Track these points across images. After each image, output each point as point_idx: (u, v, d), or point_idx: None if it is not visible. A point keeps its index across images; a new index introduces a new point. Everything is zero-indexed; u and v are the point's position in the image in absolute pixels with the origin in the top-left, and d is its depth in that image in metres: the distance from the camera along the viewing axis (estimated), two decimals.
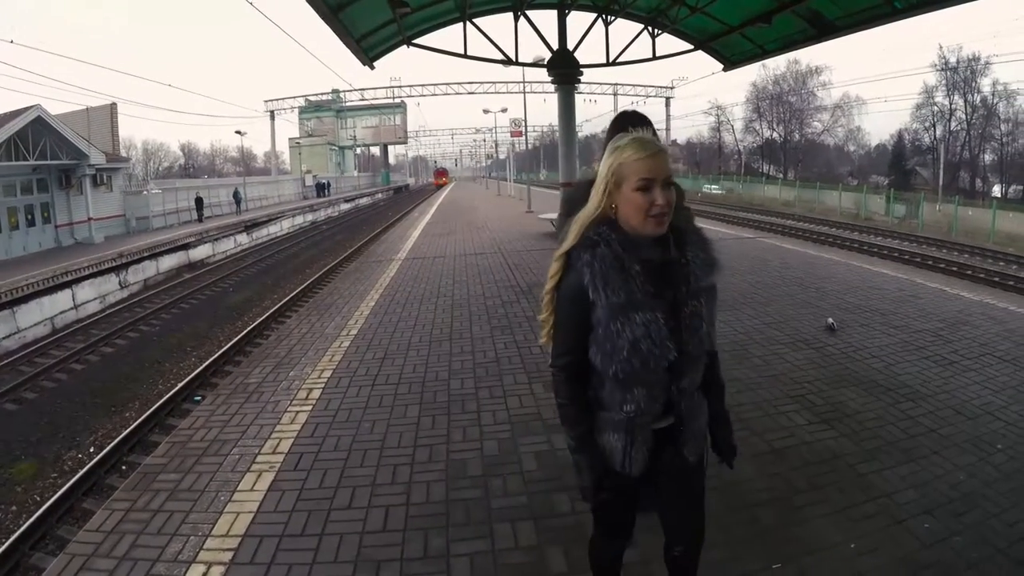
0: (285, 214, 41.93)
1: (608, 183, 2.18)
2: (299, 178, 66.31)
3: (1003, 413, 5.41)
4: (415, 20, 13.89)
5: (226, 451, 4.86)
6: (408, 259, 15.14)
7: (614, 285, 2.09)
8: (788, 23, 12.69)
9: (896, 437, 4.94)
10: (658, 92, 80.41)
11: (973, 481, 4.28)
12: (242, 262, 26.72)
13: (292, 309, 16.28)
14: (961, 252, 28.62)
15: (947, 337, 7.62)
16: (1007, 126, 60.42)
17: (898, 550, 3.53)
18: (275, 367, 6.86)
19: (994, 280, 20.67)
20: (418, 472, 4.43)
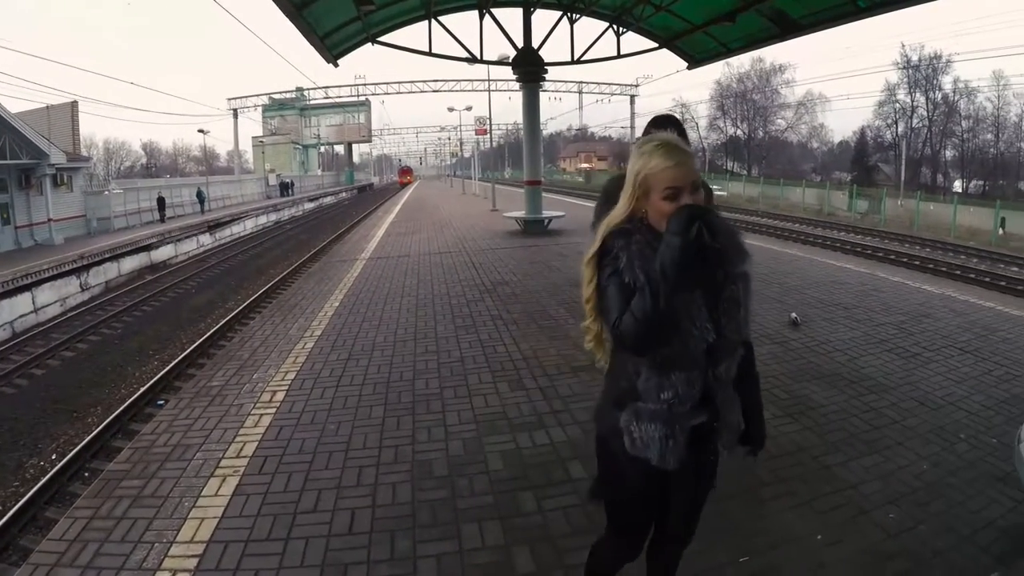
0: (248, 214, 41.47)
1: (636, 191, 2.17)
2: (262, 177, 65.51)
3: (965, 403, 5.51)
4: (380, 18, 13.80)
5: (190, 456, 4.76)
6: (372, 258, 15.05)
7: (652, 266, 1.99)
8: (752, 22, 12.79)
9: (860, 429, 5.00)
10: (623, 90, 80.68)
11: (937, 471, 4.35)
12: (205, 263, 26.39)
13: (256, 310, 16.10)
14: (923, 246, 29.13)
15: (909, 330, 7.74)
16: (968, 123, 61.76)
17: (864, 540, 3.57)
18: (238, 370, 6.75)
19: (956, 273, 21.06)
20: (384, 473, 4.38)
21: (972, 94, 60.89)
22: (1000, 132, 60.33)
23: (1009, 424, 5.02)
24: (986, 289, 15.93)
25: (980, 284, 18.24)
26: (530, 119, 17.03)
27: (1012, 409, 5.37)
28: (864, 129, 70.17)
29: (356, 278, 12.12)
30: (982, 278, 20.47)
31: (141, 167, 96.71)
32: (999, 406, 5.46)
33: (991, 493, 4.06)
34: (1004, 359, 6.69)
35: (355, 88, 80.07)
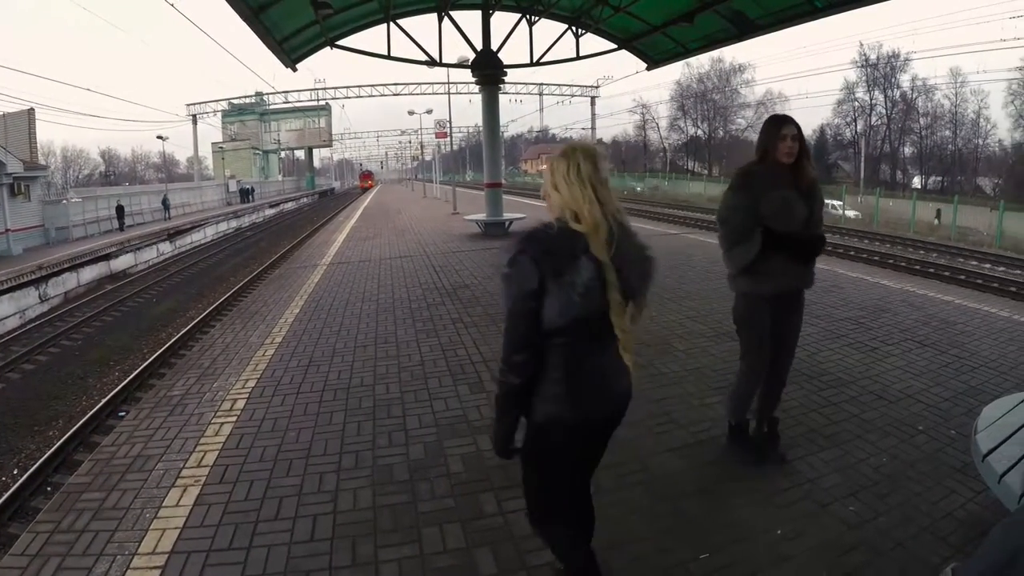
0: (209, 221, 40.96)
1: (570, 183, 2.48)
2: (223, 184, 64.79)
3: (924, 396, 5.60)
4: (338, 21, 13.71)
5: (150, 467, 4.66)
6: (333, 264, 14.91)
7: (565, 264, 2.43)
8: (710, 22, 12.88)
9: (819, 424, 5.06)
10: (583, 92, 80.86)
11: (896, 463, 4.41)
12: (165, 271, 26.04)
13: (217, 318, 15.92)
14: (883, 242, 29.53)
15: (868, 324, 7.84)
16: (926, 120, 63.13)
17: (824, 533, 3.60)
18: (199, 378, 6.64)
19: (915, 268, 21.38)
20: (345, 479, 4.34)
21: (930, 91, 62.37)
22: (958, 129, 61.71)
23: (967, 416, 5.10)
24: (945, 283, 16.13)
25: (939, 278, 18.46)
26: (490, 121, 17.00)
27: (970, 401, 5.46)
28: (823, 127, 71.38)
29: (317, 284, 11.99)
30: (942, 272, 20.77)
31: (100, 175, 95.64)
32: (957, 398, 5.55)
33: (950, 484, 4.12)
34: (962, 351, 6.81)
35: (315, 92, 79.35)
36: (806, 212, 4.03)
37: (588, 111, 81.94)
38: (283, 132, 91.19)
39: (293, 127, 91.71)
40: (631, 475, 4.27)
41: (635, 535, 3.58)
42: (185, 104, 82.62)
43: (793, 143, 3.95)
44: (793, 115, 4.08)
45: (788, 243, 4.02)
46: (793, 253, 4.09)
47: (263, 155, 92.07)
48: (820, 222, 4.23)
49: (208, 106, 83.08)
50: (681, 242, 16.15)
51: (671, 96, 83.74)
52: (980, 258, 25.66)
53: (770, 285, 4.15)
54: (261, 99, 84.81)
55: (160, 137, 52.78)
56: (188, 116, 79.99)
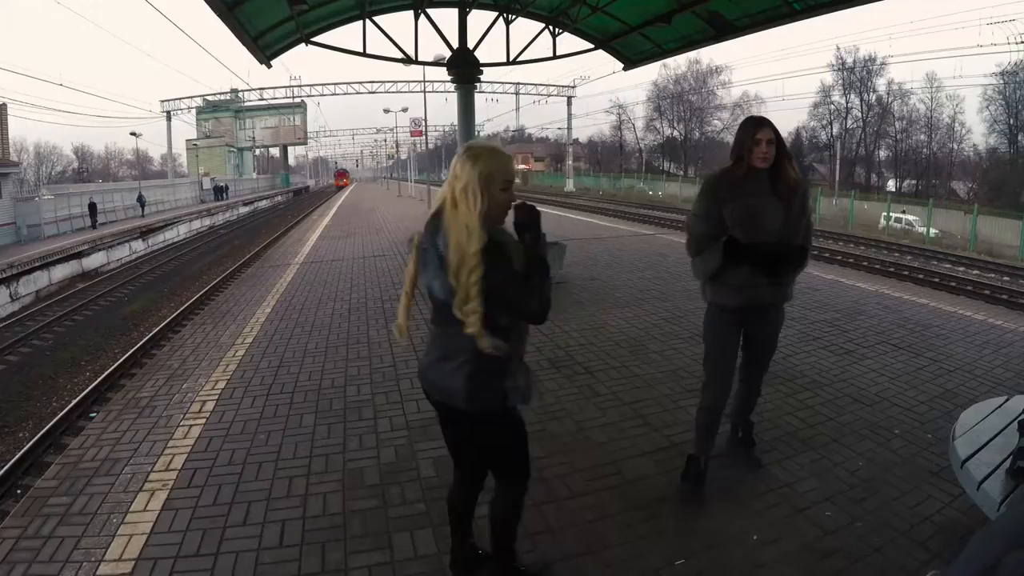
0: (182, 219, 40.57)
1: (483, 186, 2.57)
2: (196, 181, 64.11)
3: (900, 399, 5.60)
4: (313, 18, 13.53)
5: (118, 470, 4.55)
6: (306, 263, 14.79)
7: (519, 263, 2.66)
8: (688, 23, 12.83)
9: (795, 427, 5.04)
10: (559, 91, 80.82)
11: (872, 467, 4.40)
12: (138, 270, 25.74)
13: (188, 318, 15.72)
14: (857, 244, 29.75)
15: (843, 327, 7.86)
16: (901, 123, 63.73)
17: (800, 538, 3.57)
18: (168, 379, 6.50)
19: (889, 271, 21.55)
20: (314, 483, 4.24)
21: (906, 96, 63.07)
22: (933, 133, 62.46)
23: (944, 419, 5.12)
24: (919, 286, 16.32)
25: (913, 281, 18.67)
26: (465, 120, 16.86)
27: (946, 404, 5.47)
28: (799, 130, 71.88)
29: (289, 283, 11.87)
30: (915, 275, 20.98)
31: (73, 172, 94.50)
32: (933, 401, 5.56)
33: (927, 488, 4.11)
34: (938, 355, 6.83)
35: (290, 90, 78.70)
36: (780, 220, 3.75)
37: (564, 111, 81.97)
38: (258, 130, 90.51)
39: (268, 125, 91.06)
40: (604, 479, 4.23)
41: (609, 541, 3.53)
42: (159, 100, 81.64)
43: (769, 147, 3.72)
44: (769, 117, 3.95)
45: (751, 255, 3.77)
46: (758, 265, 3.81)
47: (237, 152, 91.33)
48: (800, 232, 3.89)
49: (183, 102, 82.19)
50: (656, 243, 16.20)
51: (648, 97, 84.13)
52: (954, 261, 25.92)
53: (735, 298, 3.94)
54: (236, 96, 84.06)
55: (134, 134, 52.37)
56: (162, 112, 79.05)
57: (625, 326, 7.95)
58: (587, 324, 8.08)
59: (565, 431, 4.97)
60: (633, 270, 11.93)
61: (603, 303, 9.29)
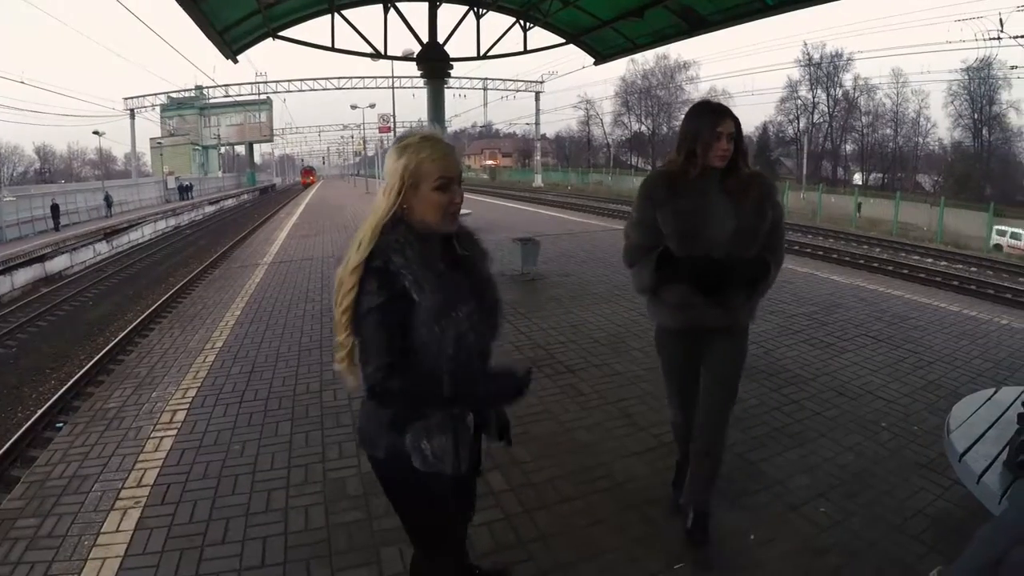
0: (147, 219, 39.92)
1: (404, 184, 2.13)
2: (161, 180, 63.17)
3: (883, 392, 5.60)
4: (281, 11, 13.32)
5: (87, 487, 4.32)
6: (275, 263, 14.55)
7: (432, 285, 2.05)
8: (660, 17, 12.77)
9: (782, 422, 5.01)
10: (528, 87, 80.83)
11: (862, 461, 4.39)
12: (102, 272, 25.22)
13: (155, 322, 15.42)
14: (826, 237, 30.05)
15: (822, 320, 7.88)
16: (867, 118, 64.77)
17: (797, 537, 3.53)
18: (136, 388, 6.25)
19: (859, 263, 21.75)
20: (294, 496, 4.06)
21: (872, 91, 64.08)
22: (899, 127, 63.51)
23: (928, 411, 5.15)
24: (891, 278, 16.48)
25: (884, 272, 18.86)
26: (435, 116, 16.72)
27: (929, 396, 5.50)
28: (766, 124, 72.56)
29: (258, 284, 11.64)
30: (885, 267, 21.23)
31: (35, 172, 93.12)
32: (916, 393, 5.57)
33: (917, 481, 4.10)
34: (917, 346, 6.87)
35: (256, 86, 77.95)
36: (729, 229, 3.11)
37: (532, 106, 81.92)
38: (223, 127, 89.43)
39: (233, 122, 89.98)
40: (595, 481, 4.14)
41: (603, 545, 3.44)
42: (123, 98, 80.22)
43: (729, 144, 3.11)
44: (737, 112, 3.26)
45: (685, 270, 3.18)
46: (693, 283, 3.19)
47: (203, 151, 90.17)
48: (756, 243, 3.18)
49: (147, 100, 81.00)
50: None
51: (616, 92, 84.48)
52: (923, 253, 26.28)
53: (671, 318, 3.40)
54: (201, 93, 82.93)
55: (97, 132, 51.33)
56: (126, 110, 77.89)
57: (604, 323, 7.88)
58: (565, 321, 8.00)
59: (550, 433, 4.87)
60: (607, 265, 11.88)
61: (580, 299, 9.24)
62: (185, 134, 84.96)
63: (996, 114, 56.66)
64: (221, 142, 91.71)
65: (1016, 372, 6.20)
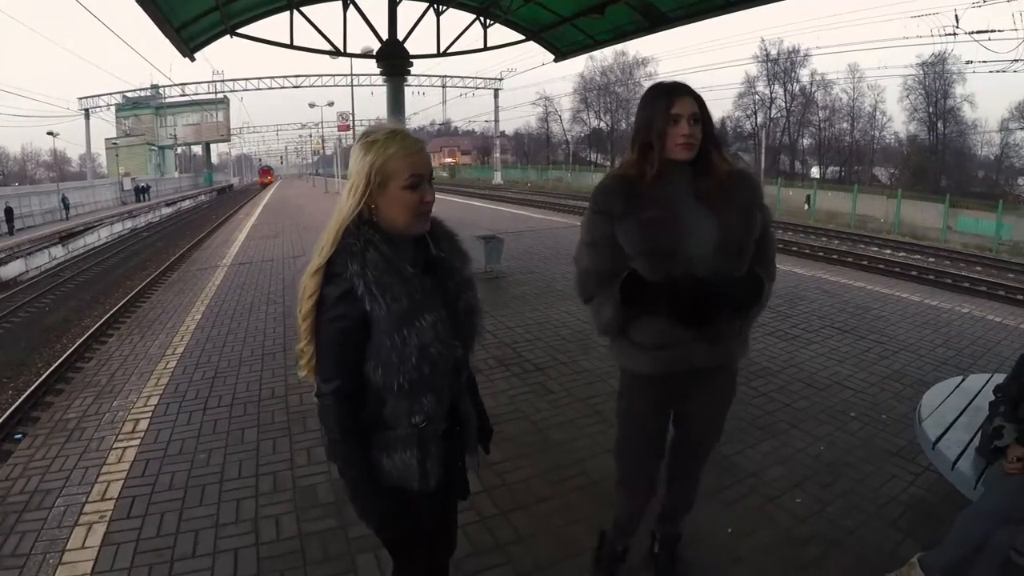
0: (103, 222, 39.18)
1: (371, 182, 1.97)
2: (117, 182, 62.00)
3: (850, 382, 5.67)
4: (239, 8, 13.12)
5: (50, 503, 4.14)
6: (234, 265, 14.32)
7: (394, 292, 1.89)
8: (621, 14, 12.77)
9: (753, 415, 5.04)
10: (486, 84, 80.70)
11: (834, 450, 4.44)
12: (59, 277, 24.63)
13: (114, 327, 15.11)
14: (786, 230, 30.35)
15: (786, 312, 7.95)
16: (824, 113, 65.53)
17: (776, 529, 3.56)
18: (96, 397, 6.06)
19: (819, 255, 21.95)
20: (264, 505, 3.94)
21: (828, 86, 64.94)
22: (855, 121, 64.40)
23: (895, 400, 5.25)
24: (852, 269, 16.65)
25: (844, 264, 19.05)
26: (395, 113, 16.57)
27: (895, 385, 5.59)
28: (724, 120, 73.06)
29: (219, 287, 11.43)
30: (845, 258, 21.48)
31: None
32: (883, 383, 5.66)
33: (889, 469, 4.17)
34: (881, 336, 6.98)
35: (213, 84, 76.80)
36: (711, 240, 2.44)
37: (491, 103, 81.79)
38: (179, 127, 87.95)
39: (190, 121, 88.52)
40: (570, 480, 4.13)
41: (584, 544, 3.39)
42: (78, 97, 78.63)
43: (693, 127, 2.45)
44: None
45: (664, 299, 2.46)
46: (677, 315, 2.47)
47: (159, 151, 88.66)
48: (746, 254, 2.54)
49: (102, 99, 79.46)
50: None
51: (574, 89, 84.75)
52: (881, 244, 26.66)
53: (647, 363, 2.63)
54: (157, 92, 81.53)
55: (51, 133, 50.36)
56: (80, 110, 76.34)
57: (569, 319, 7.87)
58: (531, 319, 7.96)
59: (522, 432, 4.83)
60: (571, 262, 11.84)
61: (545, 297, 9.22)
62: (141, 134, 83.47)
63: (951, 108, 57.75)
64: (178, 142, 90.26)
65: (979, 359, 6.33)
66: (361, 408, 2.00)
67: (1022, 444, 2.78)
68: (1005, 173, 55.59)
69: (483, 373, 5.67)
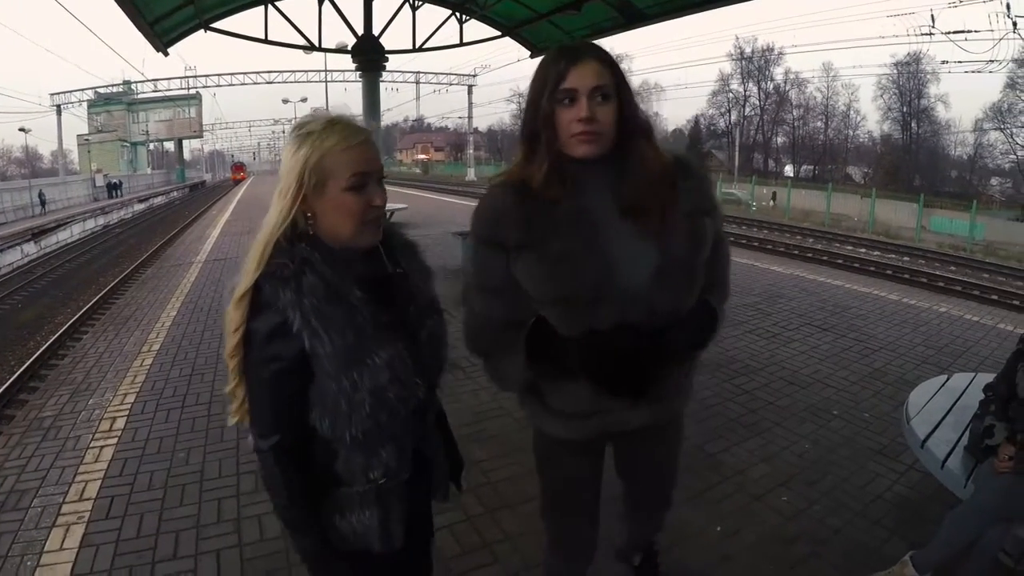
0: (75, 218, 38.70)
1: (303, 184, 1.58)
2: (89, 178, 61.29)
3: (832, 380, 5.69)
4: (213, 2, 12.99)
5: (26, 503, 4.04)
6: (209, 261, 14.20)
7: (338, 324, 1.52)
8: (598, 11, 12.75)
9: (737, 413, 5.04)
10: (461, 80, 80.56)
11: (818, 448, 4.45)
12: (31, 274, 24.25)
13: (88, 324, 14.91)
14: (760, 228, 30.53)
15: (766, 310, 7.97)
16: (798, 111, 66.03)
17: (762, 527, 3.55)
18: (72, 395, 5.95)
19: (794, 253, 22.07)
20: (246, 505, 3.87)
21: (803, 84, 65.51)
22: (829, 120, 64.97)
23: (877, 398, 5.27)
24: (829, 267, 16.75)
25: (821, 262, 19.15)
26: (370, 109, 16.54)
27: (877, 383, 5.61)
28: (698, 117, 73.57)
29: (194, 283, 11.30)
30: (820, 256, 21.63)
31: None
32: (864, 381, 5.68)
33: (873, 467, 4.18)
34: (861, 335, 7.01)
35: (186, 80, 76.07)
36: (647, 268, 1.79)
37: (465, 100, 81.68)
38: (152, 123, 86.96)
39: (162, 117, 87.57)
40: None
41: None
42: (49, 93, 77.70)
43: (598, 107, 1.76)
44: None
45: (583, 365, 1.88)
46: (597, 380, 1.89)
47: (131, 147, 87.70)
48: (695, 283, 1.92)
49: (73, 95, 78.49)
50: None
51: None
52: (855, 243, 26.86)
53: (567, 429, 2.07)
54: (129, 88, 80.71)
55: (23, 129, 49.83)
56: (52, 106, 75.39)
57: None
58: None
59: (506, 430, 4.77)
60: None
61: None
62: (113, 130, 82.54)
63: (924, 107, 58.59)
64: (150, 138, 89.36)
65: (958, 358, 6.38)
66: (309, 464, 1.64)
67: (1012, 442, 2.78)
68: (978, 173, 56.39)
69: (464, 369, 5.59)
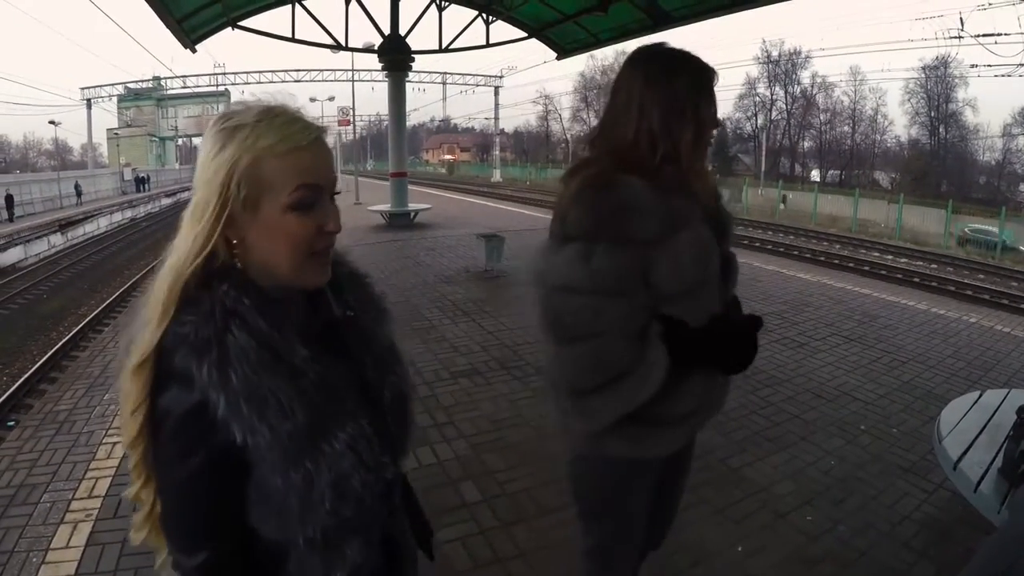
0: (103, 211, 39.09)
1: (228, 199, 1.11)
2: (117, 171, 61.97)
3: (860, 393, 5.53)
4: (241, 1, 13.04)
5: (36, 498, 4.02)
6: None
7: (279, 403, 1.07)
8: (624, 12, 12.68)
9: (762, 426, 4.90)
10: (487, 81, 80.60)
11: (845, 465, 4.30)
12: (57, 265, 24.54)
13: (110, 316, 15.00)
14: (787, 234, 30.26)
15: (792, 319, 7.81)
16: (825, 115, 65.18)
17: (786, 547, 3.43)
18: (88, 389, 5.93)
19: (821, 260, 21.85)
20: None
21: (830, 88, 64.64)
22: (856, 124, 64.14)
23: (906, 413, 5.10)
24: (856, 275, 16.55)
25: (847, 270, 18.94)
26: (396, 109, 16.59)
27: (906, 397, 5.44)
28: (725, 121, 72.99)
29: None
30: (847, 264, 21.37)
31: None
32: (893, 394, 5.51)
33: (901, 485, 4.04)
34: (889, 346, 6.84)
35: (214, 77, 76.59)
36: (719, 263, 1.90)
37: (491, 101, 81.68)
38: (180, 118, 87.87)
39: (191, 113, 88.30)
40: None
41: None
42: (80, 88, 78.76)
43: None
44: None
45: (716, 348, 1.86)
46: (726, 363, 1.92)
47: (160, 142, 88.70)
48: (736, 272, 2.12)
49: (104, 90, 79.41)
50: None
51: (575, 87, 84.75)
52: (882, 249, 26.54)
53: (672, 438, 1.94)
54: (158, 83, 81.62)
55: (53, 122, 50.31)
56: (83, 100, 76.27)
57: None
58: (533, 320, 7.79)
59: (525, 439, 4.67)
60: None
61: None
62: (142, 125, 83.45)
63: (952, 112, 57.64)
64: (178, 134, 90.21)
65: (990, 371, 6.20)
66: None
67: None
68: (1007, 179, 55.47)
69: (483, 375, 5.52)
